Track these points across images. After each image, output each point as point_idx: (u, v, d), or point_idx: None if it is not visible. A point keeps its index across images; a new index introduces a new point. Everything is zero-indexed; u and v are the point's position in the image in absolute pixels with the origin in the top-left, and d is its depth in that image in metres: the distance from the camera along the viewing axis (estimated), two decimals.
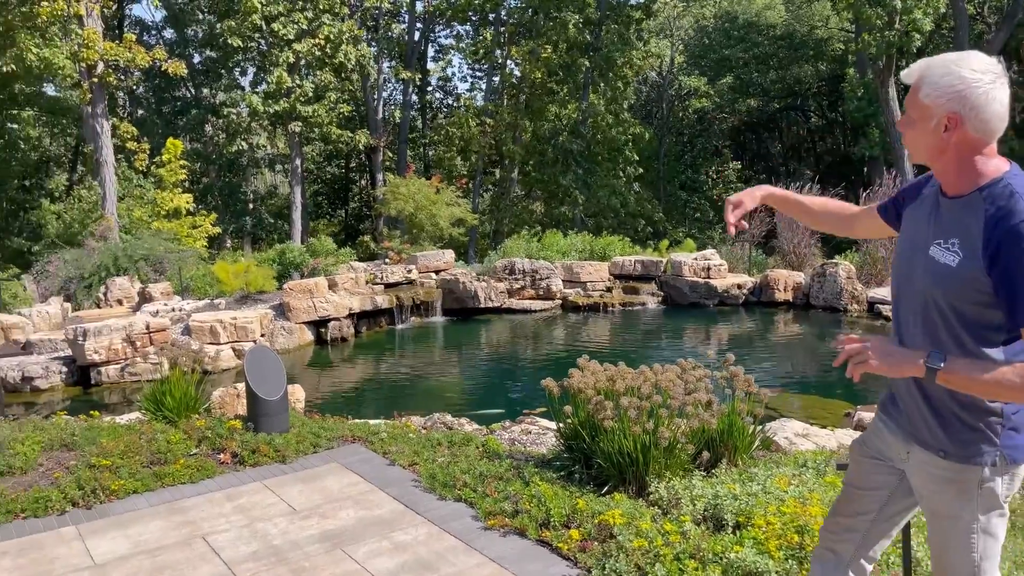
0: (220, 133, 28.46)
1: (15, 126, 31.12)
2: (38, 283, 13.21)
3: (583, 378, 4.63)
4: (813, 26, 31.92)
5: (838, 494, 2.35)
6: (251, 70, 28.52)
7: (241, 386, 6.07)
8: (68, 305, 11.73)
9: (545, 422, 6.43)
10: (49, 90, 27.91)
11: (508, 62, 27.15)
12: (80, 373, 8.64)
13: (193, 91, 29.99)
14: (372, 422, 6.32)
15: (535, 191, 29.52)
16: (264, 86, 24.97)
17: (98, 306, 13.20)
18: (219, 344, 9.37)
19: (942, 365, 1.81)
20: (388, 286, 12.76)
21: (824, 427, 6.26)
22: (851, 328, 11.66)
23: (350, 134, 26.18)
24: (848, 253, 15.65)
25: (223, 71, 29.08)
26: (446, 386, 9.03)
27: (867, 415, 6.42)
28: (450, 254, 14.10)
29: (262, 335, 9.99)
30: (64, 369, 8.54)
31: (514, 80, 27.42)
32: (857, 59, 25.80)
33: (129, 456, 4.94)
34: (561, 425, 4.90)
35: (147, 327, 8.78)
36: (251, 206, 29.67)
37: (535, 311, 13.14)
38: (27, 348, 9.18)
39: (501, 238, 26.19)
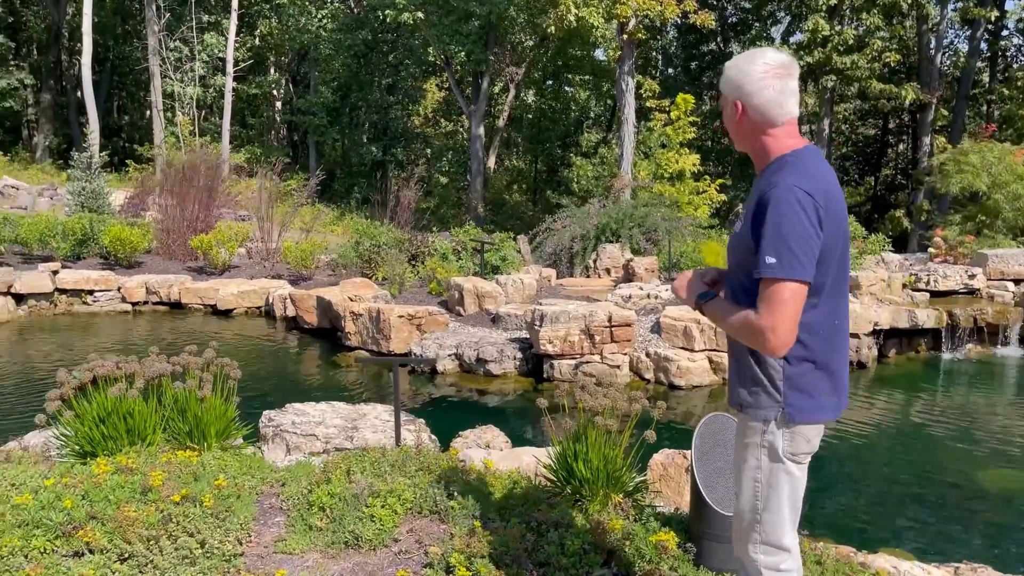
0: None
1: (569, 89, 33.98)
2: (534, 246, 12.99)
3: None
4: None
5: None
6: (785, 19, 25.90)
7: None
8: (551, 272, 11.07)
9: None
10: (599, 54, 29.30)
11: None
12: (534, 362, 7.51)
13: (721, 46, 28.55)
14: (904, 568, 3.62)
15: None
16: (797, 36, 22.35)
17: (587, 273, 12.46)
18: (692, 351, 7.38)
19: (706, 301, 2.21)
20: (935, 294, 9.19)
21: None
22: None
23: (895, 88, 21.85)
24: None
25: (755, 22, 27.03)
26: None
27: None
28: None
29: None
30: (519, 355, 7.49)
31: None
32: None
33: (504, 566, 3.20)
34: None
35: (609, 319, 7.21)
36: None
37: None
38: (495, 321, 8.48)
39: None
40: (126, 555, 3.16)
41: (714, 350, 7.41)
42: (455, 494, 3.81)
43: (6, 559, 3.02)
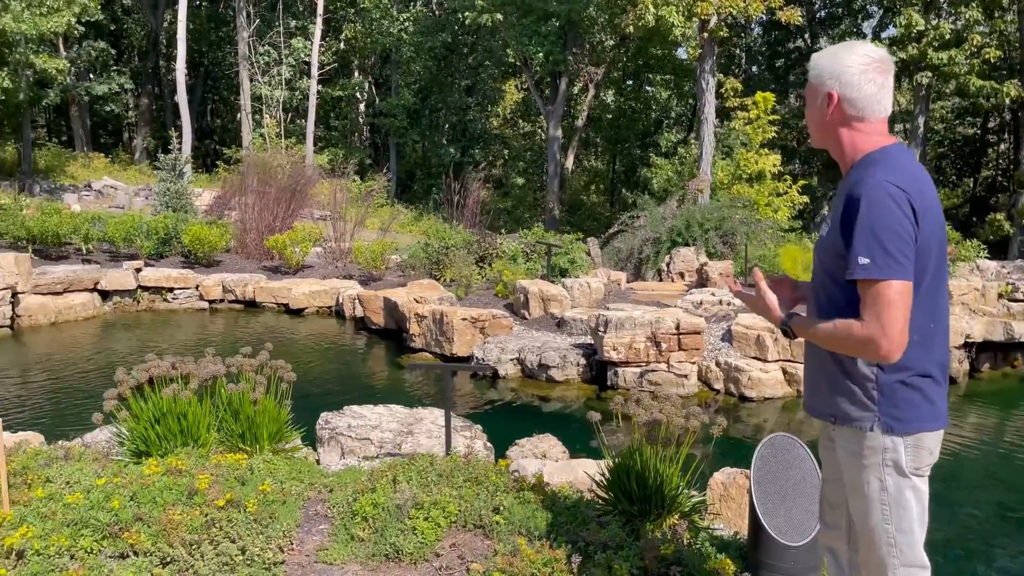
0: None
1: (650, 89, 33.44)
2: (605, 248, 12.74)
3: None
4: None
5: None
6: (877, 13, 24.79)
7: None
8: (622, 275, 10.82)
9: None
10: (680, 53, 28.74)
11: None
12: (598, 368, 7.32)
13: (808, 42, 27.52)
14: None
15: None
16: (890, 30, 21.35)
17: (659, 277, 12.15)
18: (765, 361, 7.04)
19: (792, 319, 2.08)
20: None
21: None
22: None
23: (995, 85, 20.60)
24: None
25: (845, 16, 25.97)
26: None
27: None
28: None
29: None
30: (582, 362, 7.32)
31: None
32: None
33: None
34: None
35: (677, 326, 6.95)
36: None
37: None
38: (560, 325, 8.33)
39: None
40: (168, 559, 3.17)
41: (788, 360, 7.06)
42: (502, 508, 3.69)
43: (53, 558, 3.06)
